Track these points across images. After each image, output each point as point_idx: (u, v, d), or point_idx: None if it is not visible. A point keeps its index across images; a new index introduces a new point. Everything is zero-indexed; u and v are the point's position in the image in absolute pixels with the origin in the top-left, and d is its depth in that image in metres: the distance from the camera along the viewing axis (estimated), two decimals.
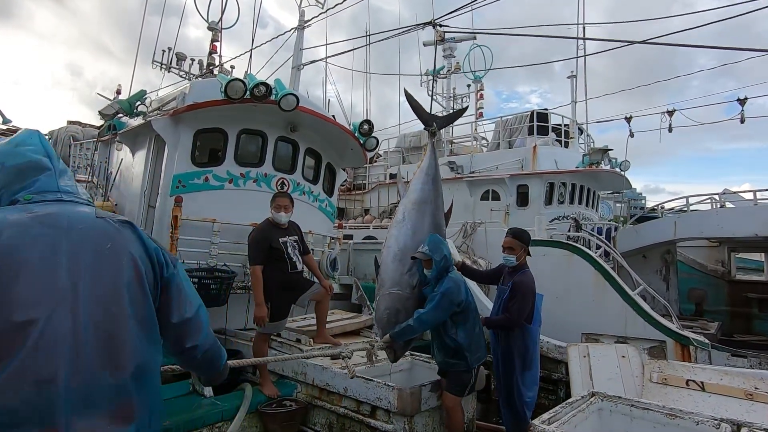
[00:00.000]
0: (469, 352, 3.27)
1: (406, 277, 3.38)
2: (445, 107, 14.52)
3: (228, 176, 5.56)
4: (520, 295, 3.45)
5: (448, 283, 3.22)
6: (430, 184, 3.73)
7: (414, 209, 3.62)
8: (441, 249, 3.31)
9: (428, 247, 3.29)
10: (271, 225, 4.07)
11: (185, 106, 5.29)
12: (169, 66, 9.02)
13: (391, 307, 3.31)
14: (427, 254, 3.27)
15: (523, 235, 3.72)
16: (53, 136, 10.84)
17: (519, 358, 3.51)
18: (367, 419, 3.40)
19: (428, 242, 3.35)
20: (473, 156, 11.66)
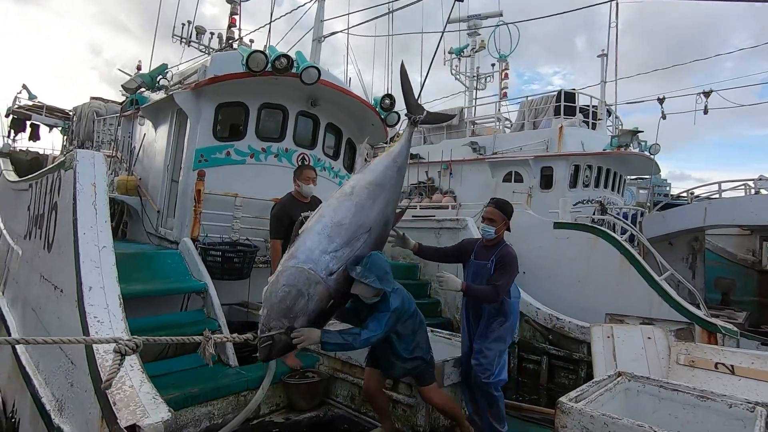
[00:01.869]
0: (423, 350, 3.03)
1: (326, 258, 2.59)
2: (468, 87, 14.20)
3: (249, 151, 5.54)
4: (509, 267, 3.17)
5: (396, 299, 2.76)
6: (394, 171, 3.08)
7: (366, 189, 2.92)
8: (389, 274, 2.69)
9: (376, 278, 2.57)
10: (294, 199, 4.03)
11: (207, 79, 5.25)
12: (189, 40, 8.99)
13: (293, 287, 2.47)
14: (375, 288, 2.57)
15: (506, 207, 3.37)
16: (77, 111, 10.99)
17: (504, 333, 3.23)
18: (389, 392, 3.40)
19: (371, 268, 2.59)
20: (496, 136, 11.41)
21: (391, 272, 2.75)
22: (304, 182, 4.00)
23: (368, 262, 2.62)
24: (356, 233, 2.71)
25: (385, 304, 2.74)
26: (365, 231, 2.74)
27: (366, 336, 2.63)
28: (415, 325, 3.03)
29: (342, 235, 2.68)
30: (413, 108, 3.39)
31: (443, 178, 11.54)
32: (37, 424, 2.73)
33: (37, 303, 3.51)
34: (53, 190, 3.59)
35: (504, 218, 3.31)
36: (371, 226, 2.78)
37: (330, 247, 2.64)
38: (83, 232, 2.71)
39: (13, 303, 4.63)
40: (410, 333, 2.98)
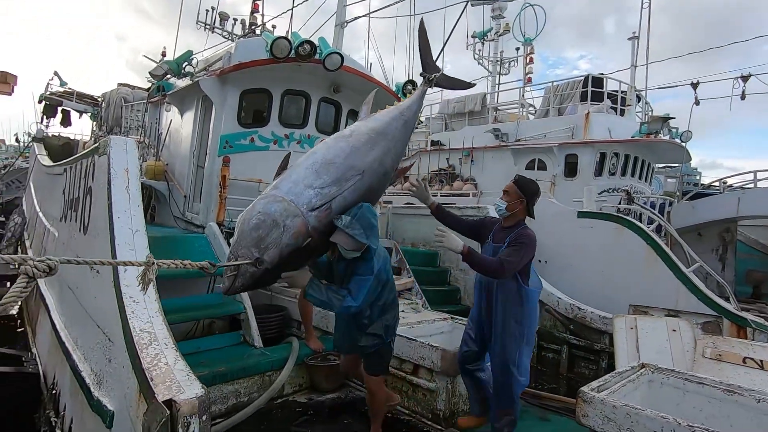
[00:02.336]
0: (384, 328, 2.83)
1: (310, 192, 2.34)
2: (492, 72, 13.90)
3: (273, 137, 5.60)
4: (522, 246, 2.82)
5: (378, 261, 2.61)
6: (400, 124, 2.87)
7: (366, 134, 2.70)
8: (375, 228, 2.53)
9: (363, 230, 2.39)
10: None
11: (231, 66, 5.31)
12: (212, 26, 9.05)
13: (268, 216, 2.25)
14: (360, 242, 2.39)
15: (527, 185, 2.99)
16: (106, 98, 11.27)
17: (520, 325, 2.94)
18: (409, 377, 3.46)
19: (359, 219, 2.41)
20: (519, 123, 11.18)
21: (378, 229, 2.60)
22: None
23: (357, 213, 2.41)
24: (346, 174, 2.46)
25: (367, 266, 2.55)
26: (357, 173, 2.49)
27: (348, 304, 2.49)
28: (389, 298, 2.84)
29: (330, 173, 2.43)
30: (429, 67, 3.21)
31: (464, 166, 11.43)
32: (77, 395, 2.89)
33: (74, 282, 3.68)
34: (87, 175, 3.73)
35: (520, 195, 2.94)
36: (364, 170, 2.53)
37: (316, 183, 2.40)
38: (118, 216, 2.82)
39: (50, 282, 4.86)
40: (380, 304, 2.78)
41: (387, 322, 2.85)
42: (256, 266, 2.17)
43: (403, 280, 5.41)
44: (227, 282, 2.22)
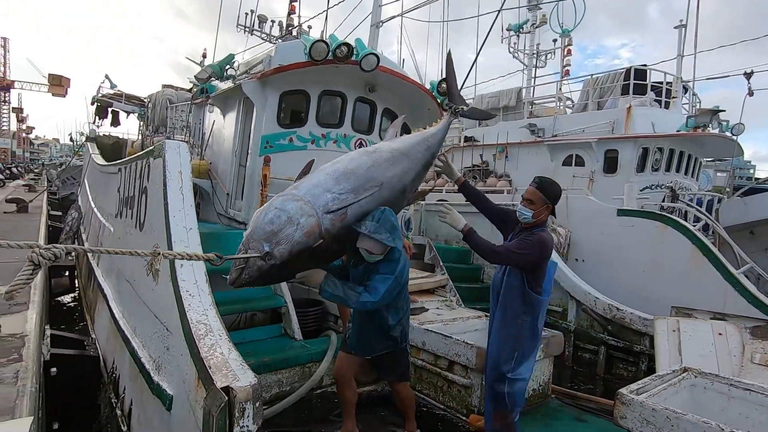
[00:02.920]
0: (399, 331, 2.86)
1: (327, 196, 2.40)
2: (527, 65, 13.59)
3: (310, 137, 5.77)
4: (528, 244, 2.67)
5: (400, 263, 2.62)
6: (423, 148, 2.97)
7: (389, 152, 2.78)
8: (399, 231, 2.61)
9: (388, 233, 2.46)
10: None
11: (272, 69, 5.50)
12: (251, 29, 9.34)
13: (284, 212, 2.30)
14: (387, 245, 2.48)
15: (551, 189, 2.79)
16: (152, 99, 11.86)
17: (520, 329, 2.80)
18: (444, 372, 3.54)
19: (382, 222, 2.46)
20: (556, 118, 10.90)
21: (401, 234, 2.69)
22: None
23: (381, 217, 2.46)
24: (365, 184, 2.53)
25: (390, 266, 2.56)
26: (376, 185, 2.55)
27: (365, 299, 2.48)
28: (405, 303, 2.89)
29: (350, 181, 2.51)
30: (456, 98, 3.39)
31: (498, 162, 11.29)
32: (136, 379, 3.14)
33: (132, 275, 3.97)
34: (143, 176, 4.00)
35: (546, 202, 2.75)
36: (383, 183, 2.59)
37: (335, 188, 2.46)
38: (173, 215, 3.03)
39: (107, 273, 5.24)
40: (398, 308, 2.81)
41: (403, 327, 2.88)
42: (264, 260, 2.20)
43: (437, 277, 5.48)
44: (234, 274, 2.27)
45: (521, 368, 2.81)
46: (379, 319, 2.77)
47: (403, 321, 2.89)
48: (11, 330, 3.81)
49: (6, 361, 3.18)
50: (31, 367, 3.09)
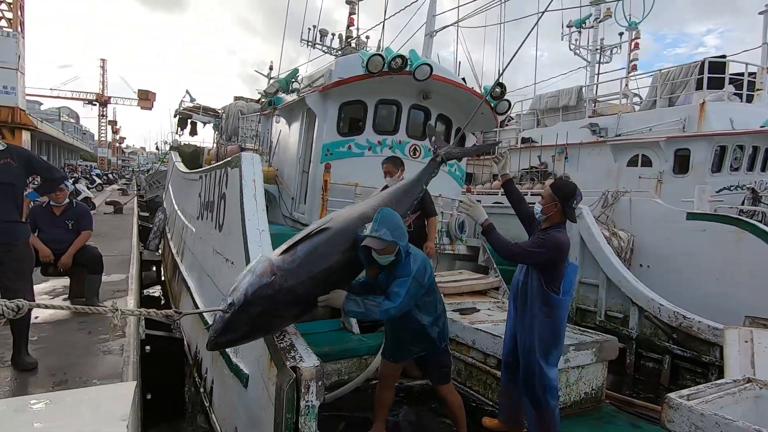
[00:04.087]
0: (437, 333, 2.84)
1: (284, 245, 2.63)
2: (590, 61, 13.05)
3: (367, 144, 6.12)
4: (542, 242, 2.79)
5: (416, 263, 2.62)
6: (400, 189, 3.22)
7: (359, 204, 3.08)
8: (402, 228, 2.63)
9: (387, 230, 2.51)
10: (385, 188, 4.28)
11: (332, 82, 5.91)
12: (314, 43, 9.95)
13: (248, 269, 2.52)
14: (387, 240, 2.51)
15: (560, 188, 2.90)
16: (226, 110, 12.96)
17: (546, 331, 2.90)
18: (493, 370, 3.67)
19: (382, 222, 2.55)
20: (621, 116, 10.39)
21: (406, 233, 2.65)
22: (383, 176, 4.32)
23: (379, 217, 2.58)
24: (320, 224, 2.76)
25: (404, 268, 2.60)
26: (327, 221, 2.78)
27: (386, 307, 2.50)
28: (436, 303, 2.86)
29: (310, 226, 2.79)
30: (438, 147, 3.51)
31: (557, 163, 10.99)
32: (217, 361, 3.61)
33: (212, 271, 4.52)
34: (221, 183, 4.54)
35: (554, 199, 2.84)
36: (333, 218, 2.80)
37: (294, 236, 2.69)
38: (249, 219, 3.46)
39: (189, 269, 5.92)
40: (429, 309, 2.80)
41: (440, 327, 2.86)
42: (226, 311, 2.31)
43: (490, 279, 5.56)
44: (208, 337, 2.38)
45: (551, 367, 2.93)
46: (412, 322, 2.76)
47: (440, 321, 2.87)
48: None
49: (114, 336, 3.82)
50: (132, 342, 3.69)
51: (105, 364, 3.37)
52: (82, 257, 4.65)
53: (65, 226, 4.70)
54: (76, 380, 3.09)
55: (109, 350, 3.64)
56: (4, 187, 3.13)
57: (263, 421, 2.56)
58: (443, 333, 2.90)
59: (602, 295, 6.10)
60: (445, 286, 4.81)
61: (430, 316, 2.81)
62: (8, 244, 3.12)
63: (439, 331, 2.86)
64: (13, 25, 16.47)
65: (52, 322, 4.27)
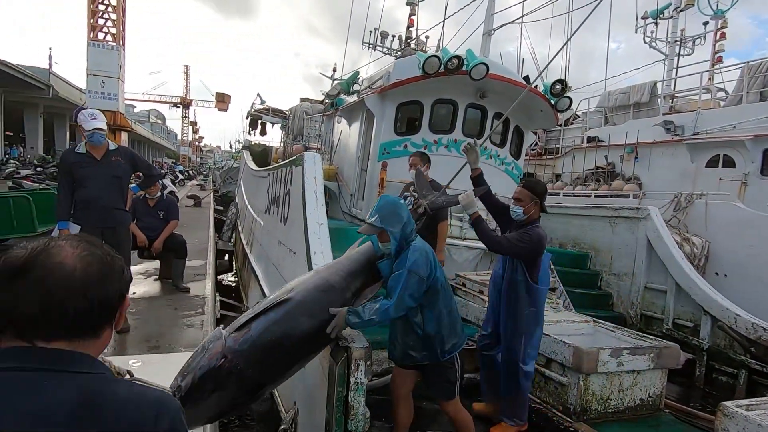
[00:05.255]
0: (440, 342, 2.58)
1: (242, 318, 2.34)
2: (668, 54, 12.12)
3: (423, 143, 6.27)
4: (526, 236, 2.98)
5: (413, 254, 2.43)
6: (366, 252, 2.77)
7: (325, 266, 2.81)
8: (397, 215, 2.50)
9: (378, 216, 2.46)
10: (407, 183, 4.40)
11: (390, 84, 6.14)
12: (374, 45, 10.27)
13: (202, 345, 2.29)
14: (377, 227, 2.47)
15: (536, 187, 3.18)
16: (292, 112, 13.73)
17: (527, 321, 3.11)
18: (541, 368, 3.68)
19: (377, 208, 2.51)
20: (700, 113, 9.58)
21: (406, 221, 2.51)
22: (408, 168, 4.34)
23: (378, 205, 2.56)
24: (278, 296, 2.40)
25: (400, 261, 2.45)
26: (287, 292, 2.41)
27: (383, 307, 2.35)
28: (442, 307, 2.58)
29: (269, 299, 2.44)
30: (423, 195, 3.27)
31: (626, 164, 10.36)
32: None
33: (277, 261, 4.93)
34: (286, 180, 4.94)
35: (533, 197, 3.11)
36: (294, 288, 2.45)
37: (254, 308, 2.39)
38: (309, 212, 3.78)
39: (257, 258, 6.46)
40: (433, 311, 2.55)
41: (445, 339, 2.60)
42: (174, 394, 2.07)
43: None
44: None
45: (530, 355, 3.17)
46: (412, 324, 2.58)
47: (446, 333, 2.59)
48: (197, 292, 5.13)
49: (195, 313, 4.36)
50: (210, 319, 4.18)
51: (188, 335, 3.89)
52: (170, 243, 5.35)
53: (157, 215, 5.46)
54: (166, 346, 3.62)
55: (192, 324, 4.17)
56: (114, 180, 3.75)
57: (318, 394, 2.83)
58: (449, 342, 2.61)
59: (670, 302, 5.75)
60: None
61: (435, 323, 2.56)
62: (114, 227, 3.74)
63: (442, 340, 2.58)
64: (116, 39, 18.63)
65: (147, 298, 4.98)
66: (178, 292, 5.15)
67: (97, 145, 3.72)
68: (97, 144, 3.71)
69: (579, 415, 3.40)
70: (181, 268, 5.39)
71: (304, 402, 3.20)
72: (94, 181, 3.68)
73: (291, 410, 3.37)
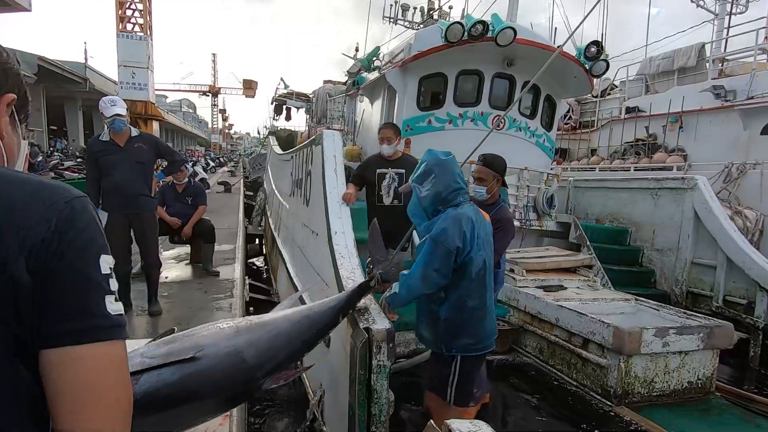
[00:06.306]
0: (451, 333, 2.23)
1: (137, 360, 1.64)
2: (718, 13, 11.08)
3: (448, 117, 6.00)
4: (504, 230, 2.94)
5: (444, 221, 2.12)
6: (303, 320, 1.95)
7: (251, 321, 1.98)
8: (433, 172, 2.19)
9: (420, 171, 2.21)
10: (378, 156, 3.94)
11: (411, 56, 5.87)
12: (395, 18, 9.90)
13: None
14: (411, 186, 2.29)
15: (496, 163, 3.05)
16: (315, 94, 13.58)
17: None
18: (578, 350, 3.48)
19: (419, 163, 2.30)
20: (755, 75, 8.72)
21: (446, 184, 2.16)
22: (380, 142, 3.80)
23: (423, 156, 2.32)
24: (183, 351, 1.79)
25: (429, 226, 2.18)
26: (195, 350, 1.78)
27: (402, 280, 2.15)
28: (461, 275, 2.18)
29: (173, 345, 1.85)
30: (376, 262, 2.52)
31: (670, 134, 9.63)
32: None
33: (301, 243, 4.88)
34: (308, 161, 4.84)
35: (495, 175, 3.03)
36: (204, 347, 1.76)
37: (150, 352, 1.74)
38: (330, 192, 3.67)
39: (284, 242, 6.45)
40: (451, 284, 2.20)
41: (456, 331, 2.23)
42: None
43: (580, 256, 5.19)
44: None
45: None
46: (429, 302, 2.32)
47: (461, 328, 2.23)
48: (226, 276, 5.18)
49: (224, 297, 4.39)
50: (238, 303, 4.19)
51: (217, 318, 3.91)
52: (198, 228, 5.45)
53: (186, 201, 5.56)
54: None
55: (221, 307, 4.20)
56: (138, 166, 3.77)
57: (342, 377, 2.76)
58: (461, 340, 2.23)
59: (720, 278, 5.34)
60: (528, 261, 4.61)
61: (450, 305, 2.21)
62: (140, 213, 3.78)
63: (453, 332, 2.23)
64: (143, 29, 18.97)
65: (178, 282, 5.08)
66: (208, 275, 5.23)
67: (119, 131, 3.72)
68: (118, 131, 3.71)
69: (620, 398, 3.19)
70: (210, 253, 5.47)
71: (330, 384, 3.15)
72: (118, 168, 3.71)
73: (318, 392, 3.34)
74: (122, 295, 3.95)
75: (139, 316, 3.95)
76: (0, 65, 0.73)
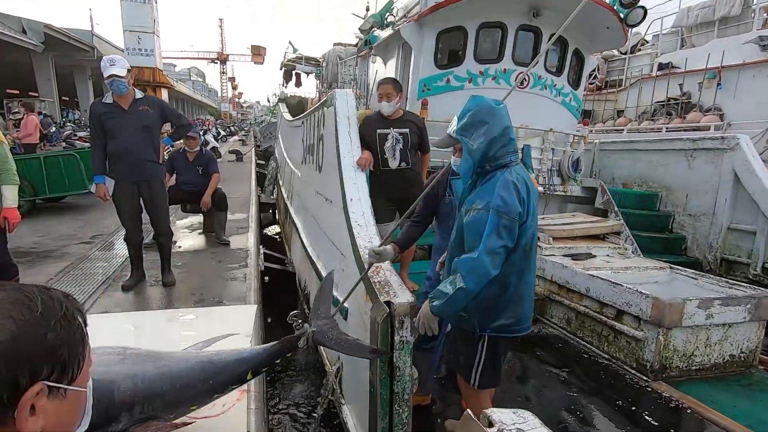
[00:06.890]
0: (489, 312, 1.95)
1: None
2: None
3: (468, 76, 5.60)
4: None
5: (502, 190, 1.77)
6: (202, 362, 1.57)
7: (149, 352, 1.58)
8: (482, 122, 1.83)
9: (460, 124, 1.86)
10: (377, 115, 3.67)
11: (428, 8, 5.41)
12: None
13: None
14: (454, 138, 1.90)
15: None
16: (325, 58, 13.06)
17: None
18: (611, 321, 3.27)
19: (462, 112, 1.91)
20: None
21: (497, 135, 1.82)
22: (378, 99, 3.47)
23: (465, 104, 1.92)
24: None
25: (480, 191, 1.87)
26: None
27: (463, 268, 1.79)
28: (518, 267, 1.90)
29: None
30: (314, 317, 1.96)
31: (706, 92, 8.97)
32: None
33: (315, 211, 4.69)
34: (319, 125, 4.56)
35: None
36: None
37: None
38: (343, 156, 3.42)
39: (297, 210, 6.28)
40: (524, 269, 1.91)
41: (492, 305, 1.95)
42: None
43: (609, 222, 4.90)
44: None
45: None
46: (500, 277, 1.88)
47: (502, 306, 1.94)
48: (238, 246, 5.07)
49: (238, 266, 4.27)
50: (252, 273, 4.06)
51: (232, 288, 3.82)
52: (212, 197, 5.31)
53: (196, 170, 5.38)
54: (211, 300, 3.57)
55: (235, 277, 4.09)
56: (144, 130, 3.56)
57: None
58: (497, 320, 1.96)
59: (760, 244, 5.01)
60: (554, 229, 4.35)
61: (495, 281, 1.82)
62: (149, 181, 3.61)
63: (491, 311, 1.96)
64: None
65: (192, 251, 5.00)
66: (221, 245, 5.12)
67: (120, 93, 3.49)
68: (119, 92, 3.48)
69: (657, 373, 2.99)
70: (222, 221, 5.37)
71: (349, 358, 3.02)
72: (123, 132, 3.51)
73: (336, 365, 3.22)
74: (136, 266, 3.85)
75: (153, 287, 3.87)
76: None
